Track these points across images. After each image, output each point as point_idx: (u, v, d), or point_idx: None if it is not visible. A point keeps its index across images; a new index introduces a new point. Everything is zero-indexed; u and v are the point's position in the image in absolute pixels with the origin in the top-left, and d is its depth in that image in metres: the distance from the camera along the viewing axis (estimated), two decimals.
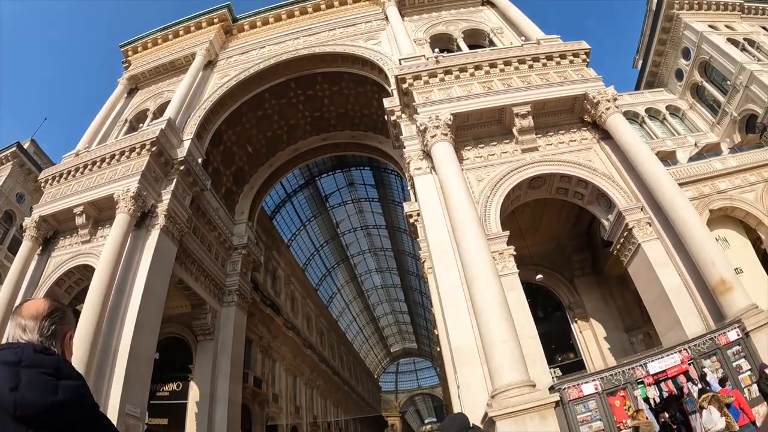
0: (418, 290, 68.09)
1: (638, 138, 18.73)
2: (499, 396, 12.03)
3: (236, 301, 28.91)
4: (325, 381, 51.80)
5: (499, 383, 12.31)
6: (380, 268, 69.33)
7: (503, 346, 12.79)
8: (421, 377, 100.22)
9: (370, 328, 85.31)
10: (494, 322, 13.27)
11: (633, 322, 22.26)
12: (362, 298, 75.59)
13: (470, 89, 20.67)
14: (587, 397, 11.56)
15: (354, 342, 75.85)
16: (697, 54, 35.32)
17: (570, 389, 11.73)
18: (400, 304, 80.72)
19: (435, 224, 17.24)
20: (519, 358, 12.71)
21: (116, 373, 17.21)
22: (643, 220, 16.79)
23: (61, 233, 23.49)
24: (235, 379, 26.83)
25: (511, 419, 11.40)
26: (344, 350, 66.53)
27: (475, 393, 13.49)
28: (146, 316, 19.25)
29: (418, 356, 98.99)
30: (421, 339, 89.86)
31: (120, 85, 33.38)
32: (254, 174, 35.38)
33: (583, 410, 11.44)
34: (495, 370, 12.62)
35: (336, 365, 58.56)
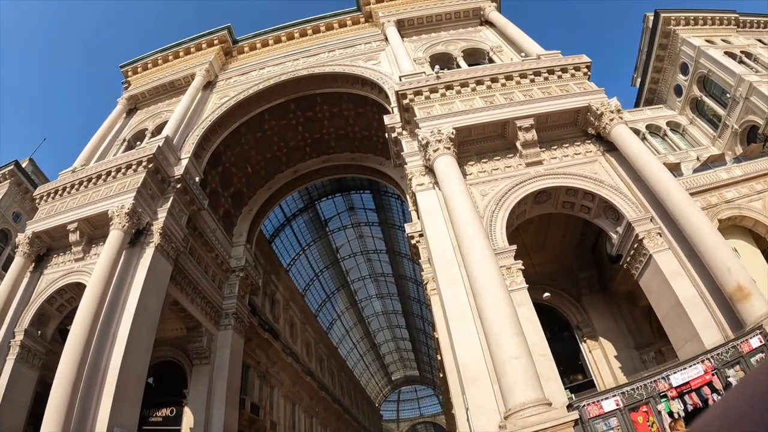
0: (419, 316, 67.21)
1: (644, 148, 18.36)
2: (513, 416, 11.22)
3: (233, 324, 28.09)
4: (325, 409, 50.46)
5: (513, 402, 11.50)
6: (381, 294, 68.50)
7: (515, 362, 12.03)
8: (423, 405, 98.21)
9: (371, 355, 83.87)
10: (505, 337, 12.55)
11: (643, 339, 21.59)
12: (363, 324, 74.45)
13: (472, 104, 20.43)
14: (608, 414, 10.79)
15: (354, 369, 74.35)
16: (695, 69, 35.43)
17: (590, 406, 10.96)
18: (401, 330, 79.58)
19: (439, 239, 16.64)
20: (533, 375, 11.93)
21: (105, 393, 16.43)
22: (653, 231, 16.27)
23: (54, 251, 22.94)
24: (232, 404, 25.83)
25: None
26: (345, 378, 65.07)
27: (485, 415, 12.58)
28: (138, 335, 18.51)
29: (420, 384, 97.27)
30: (422, 366, 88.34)
31: (119, 105, 33.24)
32: (253, 196, 34.95)
33: (604, 428, 10.65)
34: (507, 389, 11.80)
35: (336, 393, 57.14)
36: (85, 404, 15.92)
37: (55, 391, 15.17)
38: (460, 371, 13.51)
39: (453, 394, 19.34)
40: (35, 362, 20.43)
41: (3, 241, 35.11)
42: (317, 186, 41.12)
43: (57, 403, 14.86)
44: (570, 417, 10.95)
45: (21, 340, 19.93)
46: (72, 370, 15.60)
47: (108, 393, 16.46)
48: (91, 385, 16.49)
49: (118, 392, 16.56)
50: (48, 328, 21.59)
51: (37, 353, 20.55)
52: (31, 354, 20.32)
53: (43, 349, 20.88)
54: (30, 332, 20.48)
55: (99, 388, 16.63)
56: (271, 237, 42.25)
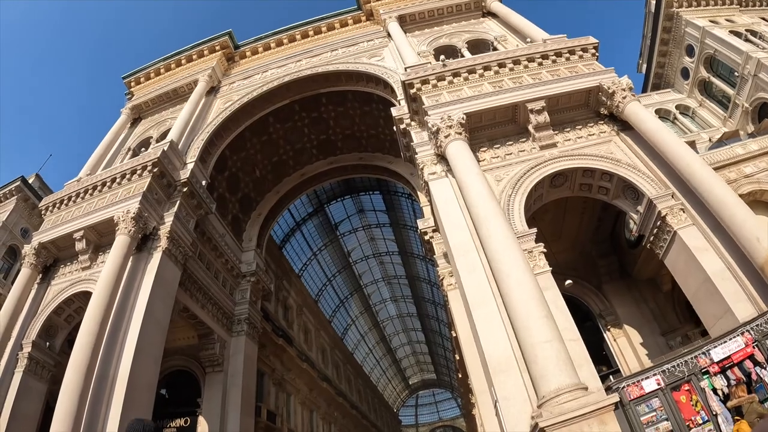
0: (434, 318, 66.48)
1: (661, 123, 17.74)
2: (548, 403, 10.44)
3: (246, 330, 27.56)
4: (343, 415, 49.80)
5: (546, 389, 10.70)
6: (395, 297, 67.85)
7: (546, 346, 11.25)
8: (442, 409, 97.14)
9: (387, 359, 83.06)
10: (533, 321, 11.79)
11: (669, 324, 20.83)
12: (378, 329, 73.75)
13: (480, 90, 19.89)
14: (649, 395, 10.02)
15: (371, 375, 73.59)
16: (701, 50, 34.79)
17: (630, 388, 10.18)
18: (417, 333, 78.81)
19: (456, 227, 16.02)
20: (566, 359, 11.16)
21: (114, 401, 15.93)
22: (675, 207, 15.58)
23: (61, 261, 22.59)
24: (247, 412, 25.27)
25: (566, 428, 9.79)
26: (361, 383, 64.33)
27: (516, 406, 11.85)
28: (147, 342, 18.04)
29: (438, 387, 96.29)
30: (440, 369, 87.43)
31: (123, 115, 33.00)
32: (261, 201, 34.54)
33: (646, 410, 9.90)
34: (540, 375, 11.02)
35: (354, 399, 56.45)
36: (94, 413, 15.45)
37: (62, 401, 14.71)
38: (487, 362, 12.78)
39: (476, 391, 18.65)
40: (44, 374, 19.96)
41: (12, 258, 34.94)
42: (326, 189, 40.72)
43: (64, 412, 14.39)
44: (610, 400, 10.14)
45: (29, 352, 19.51)
46: (79, 379, 15.13)
47: (117, 402, 15.98)
48: (99, 393, 16.01)
49: (127, 401, 16.07)
50: (56, 340, 21.16)
51: (45, 365, 20.09)
52: (39, 366, 19.87)
53: (51, 361, 20.40)
54: (38, 344, 20.04)
55: (108, 396, 16.15)
56: (282, 242, 41.79)
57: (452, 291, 21.88)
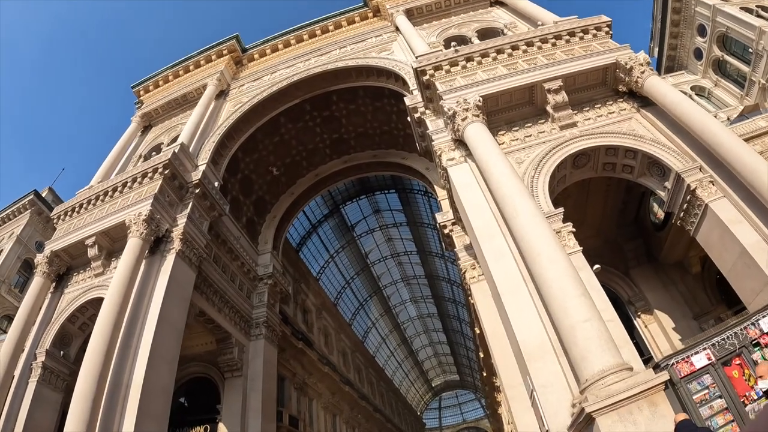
0: (455, 317, 65.60)
1: (682, 95, 16.91)
2: (593, 387, 9.64)
3: (264, 333, 27.05)
4: (366, 419, 49.08)
5: (590, 372, 9.90)
6: (414, 298, 67.12)
7: (586, 325, 10.45)
8: (465, 410, 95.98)
9: (410, 362, 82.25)
10: (571, 300, 11.01)
11: (701, 307, 20.04)
12: (398, 331, 73.04)
13: (494, 73, 19.31)
14: (700, 372, 9.22)
15: (394, 378, 72.81)
16: (713, 28, 33.95)
17: (679, 364, 9.36)
18: (438, 334, 77.93)
19: (478, 211, 15.42)
20: (608, 338, 10.35)
21: (129, 408, 15.44)
22: (705, 180, 14.85)
23: (74, 269, 22.29)
24: (268, 417, 24.70)
25: (614, 412, 8.99)
26: (384, 387, 63.56)
27: (555, 394, 11.13)
28: (162, 346, 17.55)
29: (461, 388, 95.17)
30: (462, 369, 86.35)
31: (133, 123, 32.85)
32: (275, 203, 34.16)
33: (698, 388, 9.10)
34: (581, 357, 10.21)
35: (377, 402, 55.73)
36: (108, 421, 14.99)
37: (74, 408, 14.23)
38: (521, 350, 12.05)
39: (506, 386, 17.88)
40: (59, 384, 19.54)
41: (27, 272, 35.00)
42: (340, 189, 40.24)
43: (76, 420, 13.90)
44: (660, 378, 9.28)
45: (42, 362, 19.11)
46: (91, 385, 14.66)
47: (132, 408, 15.47)
48: (113, 400, 15.56)
49: (142, 406, 15.56)
50: (71, 349, 20.75)
51: (60, 374, 19.69)
52: (54, 375, 19.48)
53: (66, 370, 19.97)
54: (52, 353, 19.67)
55: (122, 403, 15.68)
56: (298, 245, 41.36)
57: (475, 283, 21.24)
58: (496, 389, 39.47)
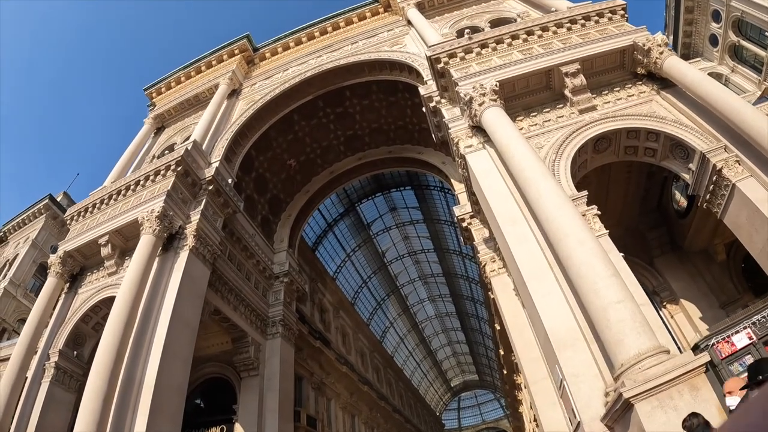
0: (474, 315, 64.81)
1: (704, 74, 16.42)
2: (629, 371, 9.10)
3: (281, 332, 26.71)
4: (385, 420, 48.57)
5: (625, 355, 9.37)
6: (432, 297, 66.48)
7: (620, 307, 9.93)
8: (485, 411, 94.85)
9: (428, 362, 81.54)
10: (602, 281, 10.48)
11: (727, 296, 19.36)
12: (417, 330, 72.41)
13: (510, 58, 18.90)
14: (741, 352, 8.68)
15: (412, 378, 72.15)
16: (727, 13, 32.95)
17: (720, 344, 8.82)
18: (457, 333, 77.16)
19: (499, 197, 15.03)
20: (643, 320, 9.84)
21: (141, 406, 15.15)
22: (730, 159, 14.23)
23: (88, 269, 22.18)
24: (286, 417, 24.32)
25: (653, 397, 8.45)
26: (403, 387, 62.94)
27: (586, 382, 10.63)
28: (176, 344, 17.27)
29: (480, 388, 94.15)
30: (481, 369, 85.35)
31: (146, 125, 32.90)
32: (290, 201, 33.90)
33: (740, 369, 8.56)
34: (615, 341, 9.67)
35: (396, 403, 55.18)
36: (120, 419, 14.72)
37: (85, 406, 13.97)
38: (549, 338, 11.54)
39: (530, 380, 17.33)
40: (72, 384, 19.33)
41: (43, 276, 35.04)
42: (356, 187, 39.90)
43: (87, 418, 13.63)
44: (701, 360, 8.74)
45: (55, 362, 18.97)
46: (103, 383, 14.40)
47: (144, 406, 15.18)
48: (125, 398, 15.29)
49: (154, 405, 15.26)
50: (84, 349, 20.55)
51: (73, 375, 19.50)
52: (67, 376, 19.31)
53: (80, 370, 19.75)
54: (65, 353, 19.52)
55: (134, 401, 15.40)
56: (314, 245, 41.06)
57: (495, 277, 20.83)
58: (517, 387, 38.87)
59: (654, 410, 8.32)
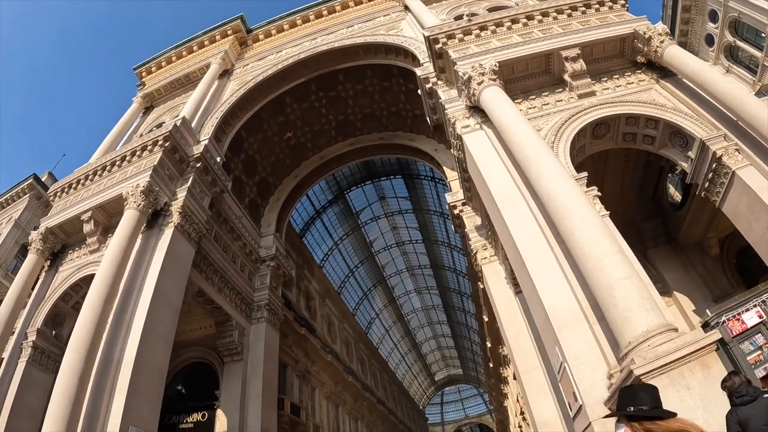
0: (460, 308, 64.74)
1: (705, 63, 16.34)
2: (637, 349, 8.77)
3: (266, 317, 26.18)
4: (369, 411, 48.33)
5: (632, 333, 9.04)
6: (419, 289, 66.37)
7: (626, 283, 9.61)
8: (468, 406, 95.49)
9: (413, 355, 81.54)
10: (607, 257, 10.18)
11: (721, 290, 19.16)
12: (402, 322, 72.28)
13: (510, 41, 18.60)
14: (752, 331, 8.36)
15: (397, 371, 72.09)
16: (724, 13, 32.95)
17: (730, 322, 8.49)
18: (442, 326, 77.19)
19: (497, 176, 14.73)
20: (650, 297, 9.56)
21: (119, 387, 14.51)
22: (730, 147, 14.03)
23: (69, 247, 21.40)
24: (269, 404, 23.78)
25: (664, 375, 8.12)
26: (387, 379, 62.73)
27: (589, 364, 10.32)
28: (157, 323, 16.65)
29: (464, 383, 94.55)
30: (466, 363, 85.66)
31: (134, 103, 32.15)
32: (279, 185, 33.34)
33: (750, 348, 8.22)
34: (622, 318, 9.33)
35: (380, 395, 54.95)
36: (96, 399, 14.06)
37: (60, 385, 13.30)
38: (550, 318, 11.21)
39: (522, 370, 17.53)
40: (50, 365, 18.50)
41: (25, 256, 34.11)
42: (345, 174, 39.48)
43: (62, 397, 12.98)
44: (712, 338, 8.42)
45: (33, 341, 18.21)
46: (79, 361, 13.72)
47: (122, 387, 14.50)
48: (102, 378, 14.63)
49: (133, 386, 14.61)
50: (63, 329, 19.65)
51: (51, 355, 18.70)
52: (44, 356, 18.58)
53: (58, 350, 18.76)
54: (43, 332, 18.77)
55: (112, 381, 14.72)
56: (302, 231, 40.57)
57: (487, 264, 20.74)
58: (503, 380, 38.75)
59: (665, 389, 7.93)
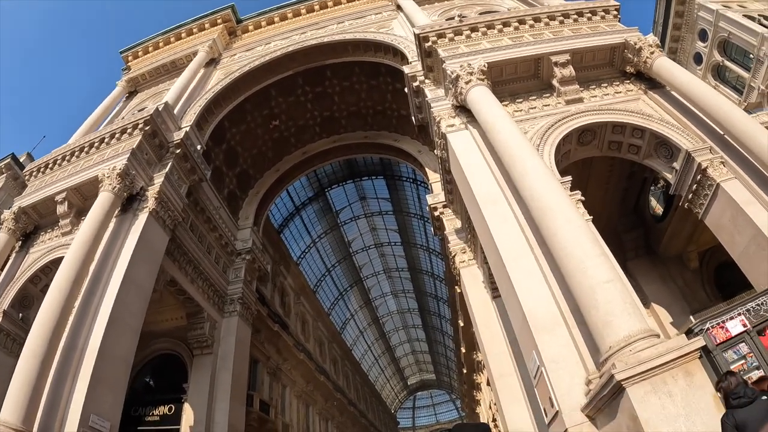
0: (436, 314, 64.65)
1: (693, 76, 16.40)
2: (619, 353, 8.57)
3: (239, 311, 25.68)
4: (340, 412, 47.94)
5: (614, 337, 8.86)
6: (395, 291, 66.07)
7: (609, 286, 9.48)
8: (439, 411, 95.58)
9: (386, 358, 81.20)
10: (590, 259, 10.03)
11: (699, 303, 19.20)
12: (377, 325, 71.92)
13: (500, 44, 18.59)
14: (736, 339, 8.26)
15: (369, 373, 71.72)
16: (714, 33, 34.02)
17: (714, 330, 8.33)
18: (417, 331, 76.96)
19: (480, 176, 14.58)
20: (633, 302, 9.46)
21: (81, 374, 13.96)
22: (715, 160, 14.14)
23: (42, 228, 20.78)
24: (238, 400, 23.26)
25: (645, 381, 7.93)
26: (360, 381, 62.37)
27: (566, 369, 10.15)
28: (125, 310, 16.11)
29: (437, 388, 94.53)
30: (440, 369, 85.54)
31: (118, 87, 31.65)
32: (260, 178, 32.89)
33: (734, 357, 8.09)
34: (603, 322, 9.17)
35: (352, 396, 54.59)
36: (58, 385, 13.53)
37: (21, 368, 12.68)
38: (528, 320, 11.04)
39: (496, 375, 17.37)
40: (15, 348, 17.62)
41: None
42: (327, 172, 39.13)
43: (22, 381, 12.40)
44: (696, 344, 8.27)
45: None
46: (42, 345, 13.13)
47: (85, 373, 13.93)
48: (66, 364, 14.05)
49: (96, 374, 14.02)
50: (31, 312, 18.69)
51: (16, 338, 17.93)
52: (9, 339, 17.91)
53: (24, 334, 17.71)
54: (9, 314, 18.09)
55: (75, 367, 14.16)
56: (280, 227, 40.04)
57: (465, 268, 20.69)
58: (476, 387, 38.73)
59: (647, 395, 7.82)
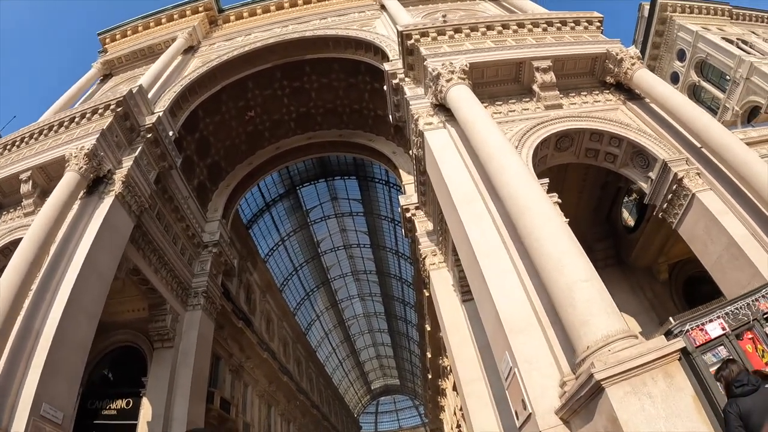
0: (402, 319, 64.56)
1: (673, 89, 16.77)
2: (597, 353, 8.45)
3: (203, 305, 24.97)
4: (303, 414, 47.31)
5: (592, 337, 8.76)
6: (362, 294, 65.72)
7: (586, 285, 9.46)
8: (402, 417, 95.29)
9: (351, 361, 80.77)
10: (568, 258, 10.00)
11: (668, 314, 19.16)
12: (343, 327, 71.47)
13: (483, 46, 18.68)
14: (715, 342, 8.21)
15: (333, 376, 71.17)
16: (692, 54, 35.25)
17: (694, 332, 8.23)
18: (383, 335, 76.68)
19: (456, 174, 14.49)
20: (611, 302, 9.43)
21: (35, 360, 13.26)
22: (691, 171, 14.47)
23: (4, 207, 19.81)
24: (198, 396, 22.51)
25: (625, 381, 7.82)
26: (323, 383, 61.78)
27: (540, 370, 10.01)
28: (84, 295, 15.44)
29: (401, 394, 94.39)
30: (404, 374, 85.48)
31: (93, 68, 31.00)
32: (231, 171, 32.28)
33: (713, 359, 8.03)
34: (581, 321, 9.07)
35: (315, 398, 53.98)
36: (9, 373, 12.74)
37: None
38: (501, 320, 10.88)
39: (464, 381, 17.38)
40: None
41: None
42: (300, 169, 38.65)
43: None
44: (676, 345, 8.17)
45: None
46: None
47: (38, 361, 13.22)
48: (19, 351, 13.25)
49: (50, 362, 13.34)
50: None
51: None
52: None
53: None
54: None
55: (28, 355, 13.41)
56: (249, 222, 39.36)
57: (435, 271, 20.68)
58: (441, 392, 38.63)
59: (627, 396, 7.71)
